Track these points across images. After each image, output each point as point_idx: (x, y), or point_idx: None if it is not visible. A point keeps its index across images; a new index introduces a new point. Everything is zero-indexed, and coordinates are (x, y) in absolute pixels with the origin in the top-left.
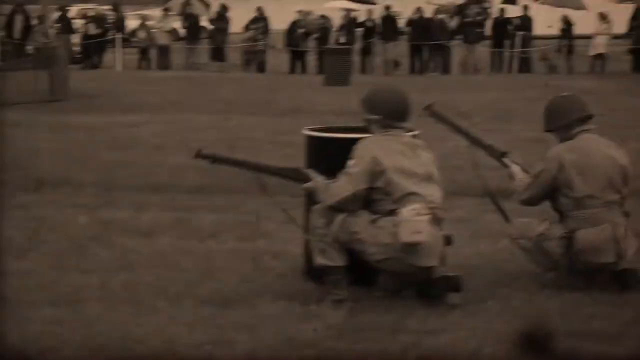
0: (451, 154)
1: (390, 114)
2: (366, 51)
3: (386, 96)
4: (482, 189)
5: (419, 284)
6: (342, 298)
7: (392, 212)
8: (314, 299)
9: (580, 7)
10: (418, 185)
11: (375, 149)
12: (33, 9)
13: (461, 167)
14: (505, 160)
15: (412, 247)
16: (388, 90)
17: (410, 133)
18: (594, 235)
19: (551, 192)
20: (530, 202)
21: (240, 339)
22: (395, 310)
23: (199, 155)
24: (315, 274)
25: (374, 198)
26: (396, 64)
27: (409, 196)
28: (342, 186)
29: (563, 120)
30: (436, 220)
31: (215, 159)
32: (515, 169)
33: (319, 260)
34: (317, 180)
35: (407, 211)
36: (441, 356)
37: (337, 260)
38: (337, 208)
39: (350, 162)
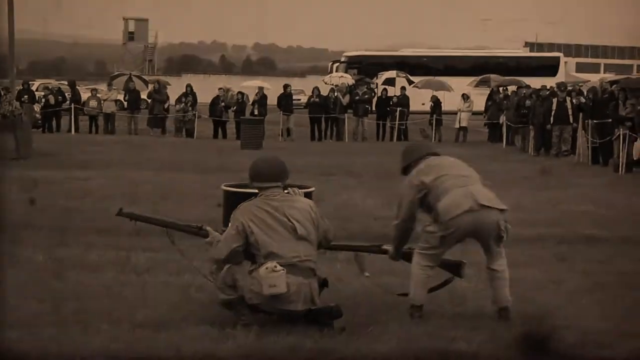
0: (342, 206)
1: (254, 177)
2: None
3: (253, 164)
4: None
5: (306, 315)
6: (249, 322)
7: (262, 265)
8: (229, 323)
9: (447, 89)
10: (281, 243)
11: (244, 215)
12: (0, 81)
13: (350, 217)
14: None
15: (275, 297)
16: (257, 159)
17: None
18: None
19: (419, 206)
20: (406, 220)
21: (169, 356)
22: (294, 333)
23: (120, 213)
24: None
25: (252, 252)
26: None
27: (270, 255)
28: (221, 246)
29: (418, 154)
30: (303, 271)
31: (133, 217)
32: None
33: (220, 296)
34: (214, 236)
35: (263, 270)
36: None
37: (233, 294)
38: (223, 260)
39: (229, 225)
